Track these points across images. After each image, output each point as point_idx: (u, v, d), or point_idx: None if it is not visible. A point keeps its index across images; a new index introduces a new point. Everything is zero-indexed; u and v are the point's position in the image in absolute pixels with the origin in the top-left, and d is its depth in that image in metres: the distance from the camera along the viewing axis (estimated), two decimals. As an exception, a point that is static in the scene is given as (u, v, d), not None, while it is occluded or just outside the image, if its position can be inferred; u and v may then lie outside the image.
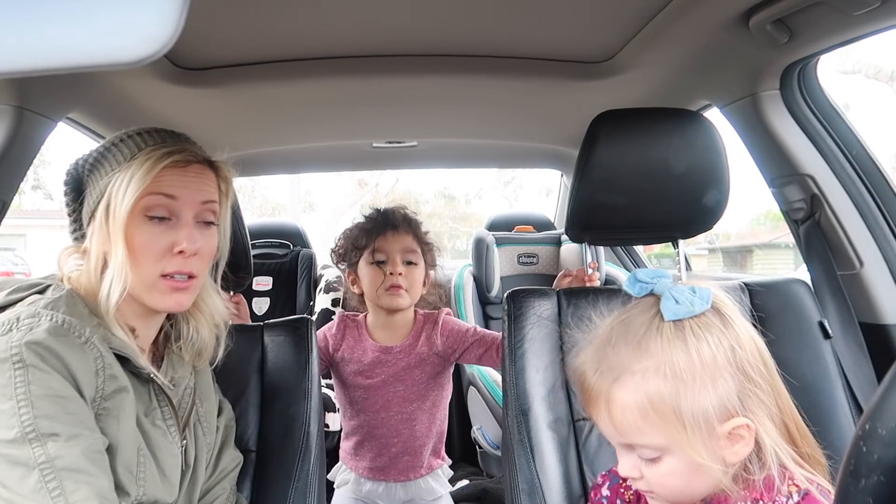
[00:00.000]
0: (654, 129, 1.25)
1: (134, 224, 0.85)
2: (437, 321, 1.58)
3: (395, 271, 1.49)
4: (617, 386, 0.73)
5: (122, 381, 0.82)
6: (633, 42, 1.35)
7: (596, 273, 1.48)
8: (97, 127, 1.60)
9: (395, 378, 1.54)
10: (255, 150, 2.25)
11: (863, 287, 1.33)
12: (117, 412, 0.80)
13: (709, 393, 0.70)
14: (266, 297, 2.74)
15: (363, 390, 1.56)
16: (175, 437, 0.91)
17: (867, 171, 1.35)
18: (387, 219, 1.54)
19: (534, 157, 2.65)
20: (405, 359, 1.55)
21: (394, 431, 1.57)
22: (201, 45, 1.34)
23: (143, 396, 0.88)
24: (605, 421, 0.76)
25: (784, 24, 1.12)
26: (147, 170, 0.85)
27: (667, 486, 0.74)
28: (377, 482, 1.61)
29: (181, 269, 0.89)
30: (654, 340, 0.73)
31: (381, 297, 1.50)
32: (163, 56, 0.33)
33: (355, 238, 1.55)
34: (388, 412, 1.56)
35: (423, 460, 1.61)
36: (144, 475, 0.83)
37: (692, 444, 0.70)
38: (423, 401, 1.57)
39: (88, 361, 0.78)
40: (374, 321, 1.59)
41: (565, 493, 1.13)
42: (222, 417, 1.07)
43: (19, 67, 0.34)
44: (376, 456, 1.59)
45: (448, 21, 1.29)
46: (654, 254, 3.43)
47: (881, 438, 0.43)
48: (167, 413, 0.90)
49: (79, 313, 0.82)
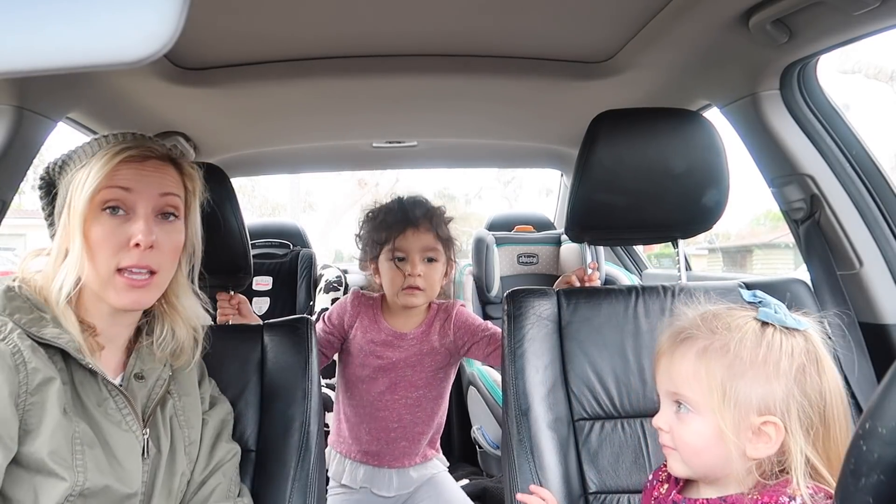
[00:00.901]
0: (654, 129, 1.25)
1: (92, 218, 0.88)
2: (451, 313, 1.58)
3: (413, 273, 1.48)
4: (689, 341, 0.83)
5: (48, 372, 0.82)
6: (633, 42, 1.35)
7: (596, 273, 1.48)
8: (97, 127, 1.60)
9: (405, 363, 1.55)
10: (255, 150, 2.25)
11: (862, 287, 1.33)
12: (42, 403, 0.81)
13: (758, 385, 0.78)
14: (266, 297, 2.74)
15: (372, 370, 1.56)
16: (132, 426, 0.91)
17: (867, 170, 1.35)
18: (407, 216, 1.51)
19: (534, 157, 2.65)
20: (417, 346, 1.55)
21: (396, 415, 1.57)
22: (201, 45, 1.34)
23: (92, 386, 0.89)
24: (664, 367, 0.85)
25: (784, 24, 1.12)
26: (103, 164, 0.88)
27: (687, 445, 0.82)
28: (370, 467, 1.60)
29: (138, 263, 0.89)
30: (738, 326, 0.83)
31: (398, 295, 1.50)
32: (163, 56, 0.33)
33: (375, 232, 1.54)
34: (393, 395, 1.56)
35: (419, 448, 1.62)
36: (84, 462, 0.84)
37: (723, 414, 0.78)
38: (429, 389, 1.58)
39: (4, 358, 0.79)
40: (390, 307, 1.59)
41: (565, 492, 1.13)
42: (215, 412, 1.08)
43: (19, 67, 0.34)
44: (374, 439, 1.59)
45: (448, 21, 1.29)
46: (654, 254, 3.42)
47: (881, 437, 0.43)
48: (121, 403, 0.91)
49: (15, 307, 0.84)
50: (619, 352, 1.23)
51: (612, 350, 1.23)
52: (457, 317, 1.57)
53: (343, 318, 1.60)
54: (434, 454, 1.67)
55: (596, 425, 1.19)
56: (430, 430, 1.62)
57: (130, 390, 0.95)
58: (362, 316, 1.59)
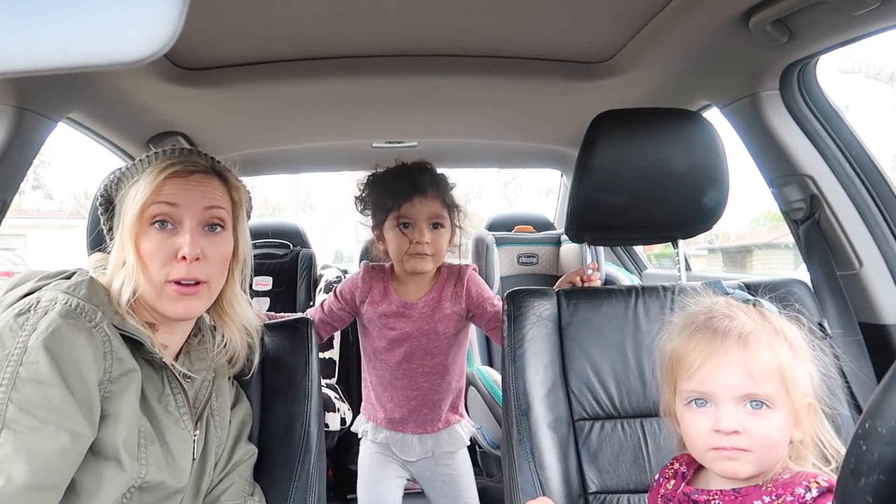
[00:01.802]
0: (654, 130, 1.25)
1: (141, 232, 0.92)
2: (463, 279, 1.57)
3: (421, 240, 1.47)
4: (755, 335, 0.83)
5: (130, 363, 0.87)
6: (633, 42, 1.35)
7: (596, 273, 1.48)
8: (97, 127, 1.60)
9: (419, 333, 1.56)
10: (255, 150, 2.25)
11: (862, 287, 1.33)
12: (121, 393, 0.85)
13: (803, 366, 0.83)
14: (266, 297, 2.74)
15: (387, 342, 1.57)
16: (187, 425, 0.95)
17: (867, 171, 1.35)
18: (414, 184, 1.49)
19: (534, 157, 2.65)
20: (429, 314, 1.56)
21: (415, 384, 1.58)
22: (201, 45, 1.34)
23: (156, 383, 0.93)
24: (736, 369, 0.81)
25: (784, 24, 1.12)
26: (150, 181, 0.92)
27: (768, 441, 0.80)
28: (395, 433, 1.63)
29: (186, 276, 0.93)
30: (767, 314, 0.86)
31: (405, 261, 1.50)
32: (163, 56, 0.33)
33: (380, 199, 1.53)
34: (410, 364, 1.57)
35: (440, 414, 1.62)
36: (146, 456, 0.87)
37: (794, 401, 0.81)
38: (444, 356, 1.58)
39: (96, 344, 0.82)
40: (399, 276, 1.59)
41: (565, 492, 1.13)
42: (238, 412, 1.10)
43: (19, 67, 0.34)
44: (395, 407, 1.61)
45: (448, 21, 1.29)
46: (653, 254, 3.43)
47: (881, 437, 0.43)
48: (180, 401, 0.95)
49: (98, 299, 0.88)
50: (619, 352, 1.23)
51: (612, 350, 1.23)
52: (469, 283, 1.57)
53: (354, 293, 1.60)
54: (457, 419, 1.67)
55: (596, 425, 1.19)
56: (449, 395, 1.63)
57: None
58: (373, 290, 1.59)
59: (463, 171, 14.20)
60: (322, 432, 1.21)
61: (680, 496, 0.89)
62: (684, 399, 0.85)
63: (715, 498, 0.84)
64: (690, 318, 0.89)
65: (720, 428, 0.81)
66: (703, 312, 0.88)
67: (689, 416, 0.85)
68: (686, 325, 0.89)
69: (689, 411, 0.85)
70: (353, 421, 1.81)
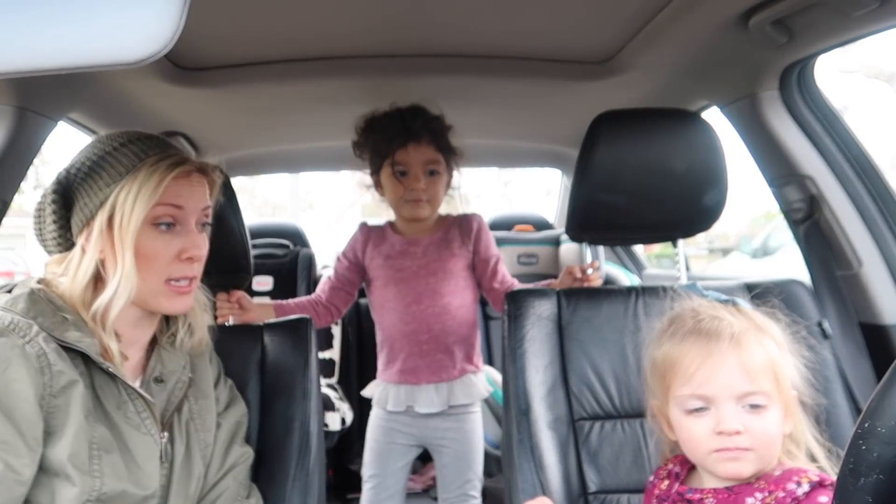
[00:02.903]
0: (653, 130, 1.25)
1: (142, 233, 0.89)
2: (472, 226, 1.58)
3: (416, 186, 1.47)
4: (744, 334, 0.84)
5: (71, 375, 0.84)
6: (633, 42, 1.35)
7: (596, 273, 1.48)
8: (97, 127, 1.60)
9: (425, 271, 1.55)
10: (255, 150, 2.25)
11: (862, 287, 1.33)
12: (66, 406, 0.83)
13: (788, 358, 0.85)
14: (266, 298, 2.74)
15: (395, 285, 1.56)
16: (150, 429, 0.92)
17: (866, 171, 1.35)
18: (407, 128, 1.47)
19: (534, 157, 2.65)
20: (435, 251, 1.55)
21: (425, 326, 1.55)
22: (201, 45, 1.34)
23: (112, 391, 0.90)
24: (732, 370, 0.82)
25: (783, 24, 1.12)
26: (157, 181, 0.89)
27: (768, 438, 0.81)
28: (410, 386, 1.58)
29: (186, 274, 0.94)
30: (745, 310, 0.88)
31: (401, 207, 1.50)
32: (163, 56, 0.34)
33: (376, 145, 1.51)
34: (419, 305, 1.55)
35: (455, 361, 1.59)
36: (101, 467, 0.84)
37: (784, 395, 0.82)
38: (453, 296, 1.56)
39: (30, 360, 0.80)
40: (399, 221, 1.60)
41: (565, 493, 1.13)
42: (233, 413, 1.08)
43: (19, 67, 0.34)
44: (408, 356, 1.58)
45: (448, 21, 1.29)
46: (653, 254, 3.42)
47: (880, 436, 0.43)
48: (140, 406, 0.92)
49: (38, 310, 0.85)
50: (619, 352, 1.23)
51: (612, 350, 1.23)
52: (478, 232, 1.57)
53: (356, 248, 1.61)
54: (473, 368, 1.63)
55: (596, 425, 1.19)
56: (462, 340, 1.59)
57: (149, 394, 0.95)
58: (372, 237, 1.60)
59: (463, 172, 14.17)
60: (322, 432, 1.21)
61: (674, 496, 0.89)
62: (682, 404, 0.85)
63: (708, 496, 0.84)
64: (678, 323, 0.89)
65: (723, 429, 0.81)
66: (689, 315, 0.88)
67: (688, 422, 0.84)
68: (675, 329, 0.88)
69: (688, 416, 0.84)
70: (353, 421, 1.80)
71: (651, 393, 0.92)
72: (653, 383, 0.91)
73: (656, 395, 0.91)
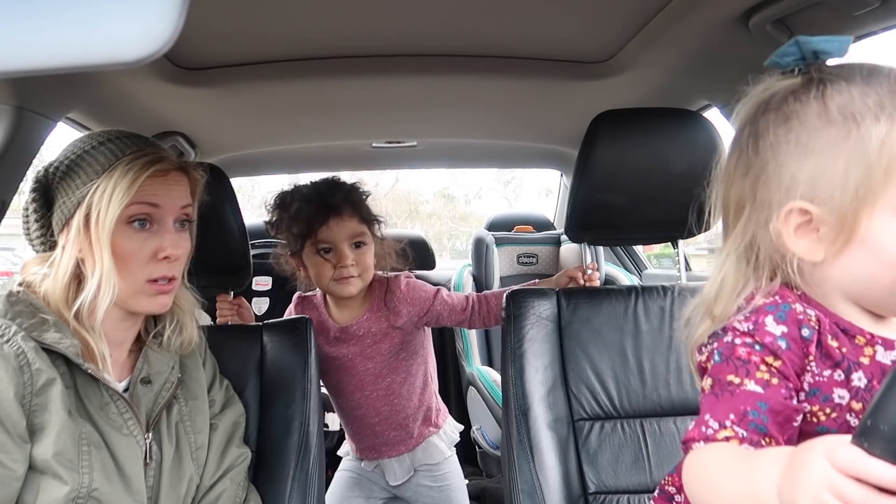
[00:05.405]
0: (653, 129, 1.25)
1: (117, 232, 0.88)
2: (395, 290, 1.47)
3: (344, 263, 1.39)
4: None
5: (49, 373, 0.83)
6: (632, 42, 1.35)
7: (596, 273, 1.48)
8: (97, 127, 1.60)
9: (361, 356, 1.48)
10: (255, 150, 2.25)
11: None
12: (48, 404, 0.83)
13: None
14: (266, 297, 2.74)
15: (335, 372, 1.51)
16: (132, 431, 0.91)
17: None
18: (328, 204, 1.39)
19: (534, 157, 2.65)
20: (367, 335, 1.48)
21: (373, 411, 1.52)
22: (201, 45, 1.34)
23: (94, 391, 0.89)
24: None
25: (784, 24, 1.12)
26: (131, 179, 0.87)
27: None
28: (372, 461, 1.60)
29: (165, 274, 0.93)
30: None
31: (332, 287, 1.42)
32: (162, 56, 0.33)
33: (294, 224, 1.42)
34: (362, 392, 1.51)
35: (412, 432, 1.56)
36: (90, 463, 0.85)
37: None
38: (395, 374, 1.51)
39: (9, 359, 0.80)
40: (330, 301, 1.52)
41: (565, 493, 1.13)
42: (226, 415, 1.08)
43: (19, 67, 0.34)
44: (364, 437, 1.57)
45: (448, 21, 1.29)
46: (653, 254, 3.42)
47: (882, 435, 0.43)
48: (122, 407, 0.91)
49: (16, 311, 0.85)
50: (618, 352, 1.23)
51: (612, 350, 1.23)
52: (402, 292, 1.46)
53: None
54: (432, 431, 1.60)
55: (596, 425, 1.19)
56: (414, 411, 1.56)
57: (136, 395, 0.95)
58: (312, 318, 1.54)
59: (463, 171, 14.21)
60: (321, 432, 1.21)
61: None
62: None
63: None
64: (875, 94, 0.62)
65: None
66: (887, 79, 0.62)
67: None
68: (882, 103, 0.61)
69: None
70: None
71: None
72: (842, 176, 0.63)
73: (836, 192, 0.63)
